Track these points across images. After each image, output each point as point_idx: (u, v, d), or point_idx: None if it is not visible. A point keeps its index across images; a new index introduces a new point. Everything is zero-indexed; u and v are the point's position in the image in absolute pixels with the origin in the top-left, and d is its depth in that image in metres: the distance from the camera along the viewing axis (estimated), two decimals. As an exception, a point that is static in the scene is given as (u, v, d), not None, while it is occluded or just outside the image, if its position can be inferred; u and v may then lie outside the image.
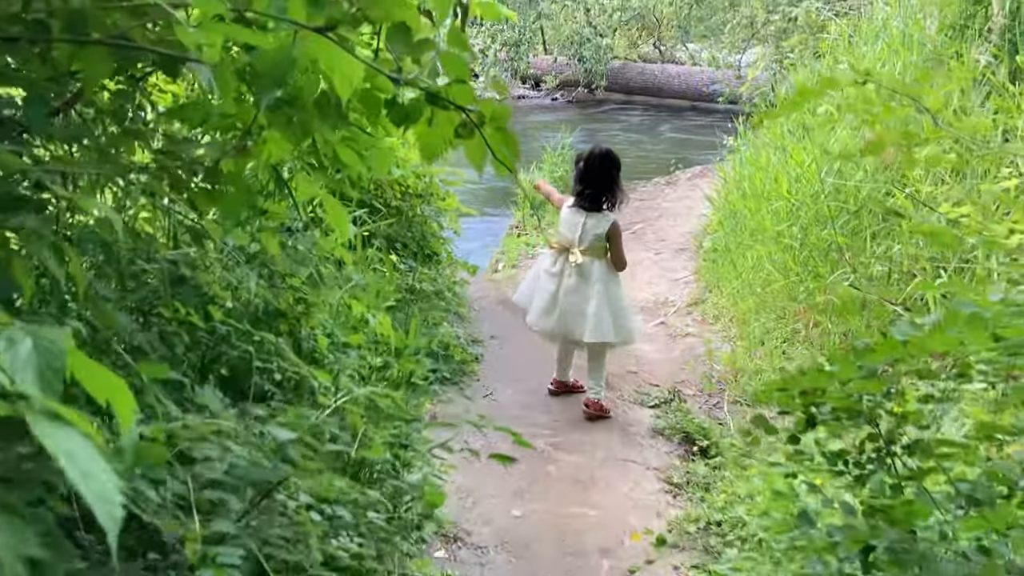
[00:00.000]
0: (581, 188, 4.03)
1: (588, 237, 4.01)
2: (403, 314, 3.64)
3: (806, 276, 5.11)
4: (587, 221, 4.01)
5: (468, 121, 1.28)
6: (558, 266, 4.07)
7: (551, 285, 4.08)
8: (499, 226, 10.15)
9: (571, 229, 4.04)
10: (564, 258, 4.05)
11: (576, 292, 4.02)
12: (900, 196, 4.45)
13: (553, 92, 21.61)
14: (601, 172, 3.98)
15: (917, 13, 6.08)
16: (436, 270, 4.51)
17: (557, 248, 4.12)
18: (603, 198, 4.03)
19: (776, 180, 5.50)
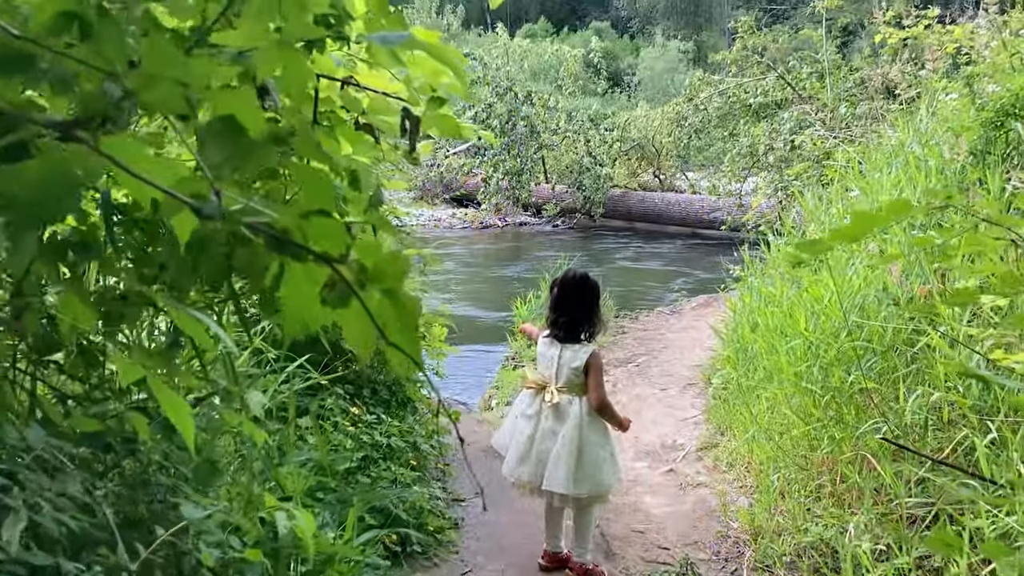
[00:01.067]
0: (555, 316, 3.59)
1: (564, 372, 3.54)
2: (365, 476, 3.10)
3: (829, 423, 4.57)
4: (563, 353, 3.54)
5: (338, 280, 0.83)
6: (534, 407, 3.58)
7: (528, 428, 3.57)
8: (496, 358, 9.67)
9: (546, 364, 3.59)
10: (541, 398, 3.57)
11: (552, 436, 3.51)
12: (935, 336, 3.98)
13: (554, 219, 21.70)
14: (577, 299, 3.56)
15: (930, 139, 5.79)
16: (413, 417, 3.98)
17: (533, 386, 3.63)
18: (580, 327, 3.59)
19: (791, 315, 5.04)
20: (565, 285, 3.58)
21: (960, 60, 7.30)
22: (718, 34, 51.93)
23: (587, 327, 3.58)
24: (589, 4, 64.50)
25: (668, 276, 14.99)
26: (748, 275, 7.32)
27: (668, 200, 20.81)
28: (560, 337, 3.57)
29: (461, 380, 8.93)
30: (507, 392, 7.61)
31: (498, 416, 6.87)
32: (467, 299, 13.14)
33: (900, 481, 3.95)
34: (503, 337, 10.13)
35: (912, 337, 4.42)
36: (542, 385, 3.57)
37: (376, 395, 3.65)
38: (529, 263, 16.08)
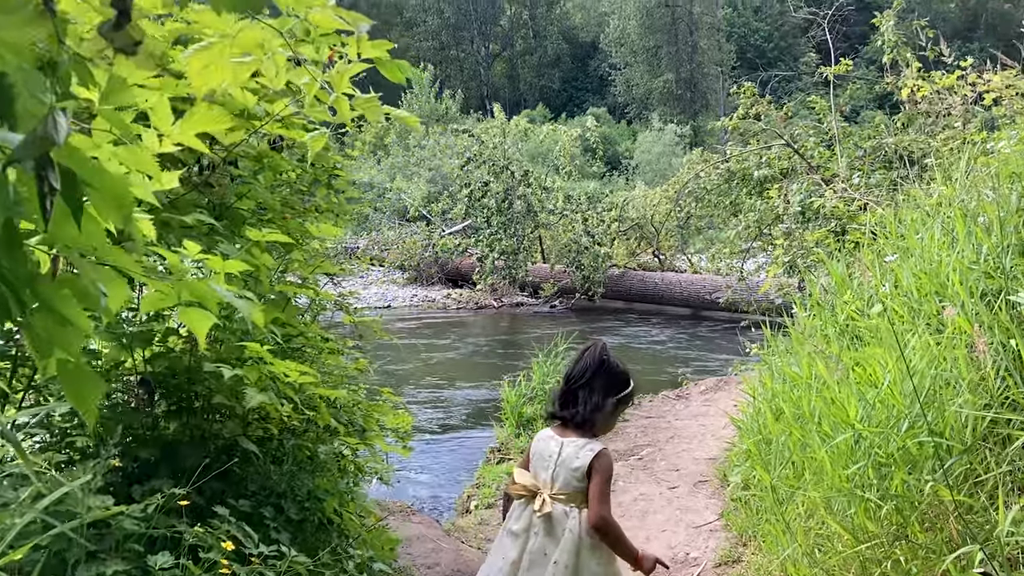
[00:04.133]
0: (560, 394, 2.79)
1: (563, 473, 2.65)
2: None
3: (891, 544, 3.55)
4: (564, 449, 2.67)
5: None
6: (523, 521, 2.70)
7: (513, 551, 2.68)
8: (481, 447, 8.62)
9: (543, 464, 2.70)
10: (530, 510, 2.68)
11: (543, 560, 2.60)
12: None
13: (551, 299, 20.94)
14: (595, 378, 2.74)
15: (982, 195, 4.91)
16: (339, 542, 2.96)
17: (524, 493, 2.72)
18: (589, 416, 2.71)
19: (833, 402, 4.07)
20: (580, 360, 2.81)
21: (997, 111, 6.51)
22: (714, 118, 52.19)
23: (594, 417, 2.72)
24: (586, 92, 65.28)
25: (671, 358, 14.00)
26: (768, 354, 6.36)
27: (668, 280, 20.05)
28: (564, 421, 2.74)
29: (437, 474, 7.86)
30: (489, 492, 6.54)
31: (475, 522, 5.80)
32: (455, 382, 12.14)
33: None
34: (490, 423, 9.09)
35: (1004, 431, 3.44)
36: (533, 491, 2.69)
37: (281, 515, 2.67)
38: (524, 345, 15.12)
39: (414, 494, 6.51)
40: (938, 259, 4.64)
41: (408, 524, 4.63)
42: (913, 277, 4.73)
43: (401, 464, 7.37)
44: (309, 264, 3.21)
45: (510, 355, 14.26)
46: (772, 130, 12.44)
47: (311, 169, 3.43)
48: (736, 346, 13.90)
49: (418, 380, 12.24)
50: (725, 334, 15.92)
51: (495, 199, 20.75)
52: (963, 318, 3.79)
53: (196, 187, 3.14)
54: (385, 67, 2.79)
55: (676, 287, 19.64)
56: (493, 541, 5.40)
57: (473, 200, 21.15)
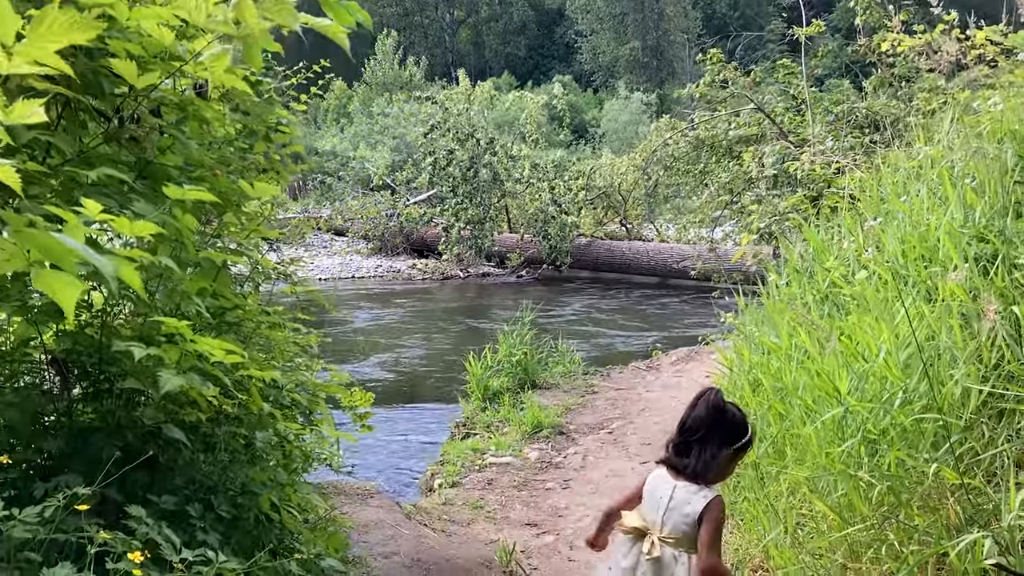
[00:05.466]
0: (679, 441, 2.70)
1: (674, 517, 2.60)
2: None
3: (882, 526, 3.30)
4: (676, 493, 2.62)
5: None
6: (631, 559, 2.66)
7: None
8: (445, 422, 8.32)
9: (654, 505, 2.66)
10: (640, 548, 2.65)
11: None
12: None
13: (518, 269, 20.65)
14: (714, 427, 2.65)
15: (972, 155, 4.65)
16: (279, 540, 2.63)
17: (631, 532, 2.69)
18: (705, 464, 2.63)
19: (819, 375, 3.80)
20: (694, 407, 2.73)
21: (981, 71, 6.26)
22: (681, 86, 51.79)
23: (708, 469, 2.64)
24: (552, 59, 64.58)
25: (640, 328, 13.80)
26: (743, 324, 6.10)
27: (636, 249, 19.85)
28: (677, 469, 2.66)
29: (399, 451, 7.56)
30: (454, 470, 6.25)
31: (439, 502, 5.51)
32: (420, 355, 11.82)
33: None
34: (455, 397, 8.79)
35: (1001, 405, 3.20)
36: (642, 532, 2.67)
37: (211, 512, 2.33)
38: (490, 316, 14.83)
39: (374, 473, 6.20)
40: (926, 222, 4.39)
41: (365, 508, 4.33)
42: (899, 241, 4.47)
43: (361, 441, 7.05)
44: (245, 228, 2.86)
45: (476, 326, 13.96)
46: (741, 94, 12.16)
47: (246, 119, 3.06)
48: (706, 316, 13.71)
49: (382, 353, 11.90)
50: (694, 303, 15.75)
51: (460, 168, 20.34)
52: (957, 285, 3.53)
53: (114, 139, 2.77)
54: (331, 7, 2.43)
55: (643, 256, 19.45)
56: (460, 524, 5.12)
57: (438, 169, 20.72)
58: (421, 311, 15.96)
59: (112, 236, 2.75)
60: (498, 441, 6.87)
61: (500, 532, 5.00)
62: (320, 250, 23.30)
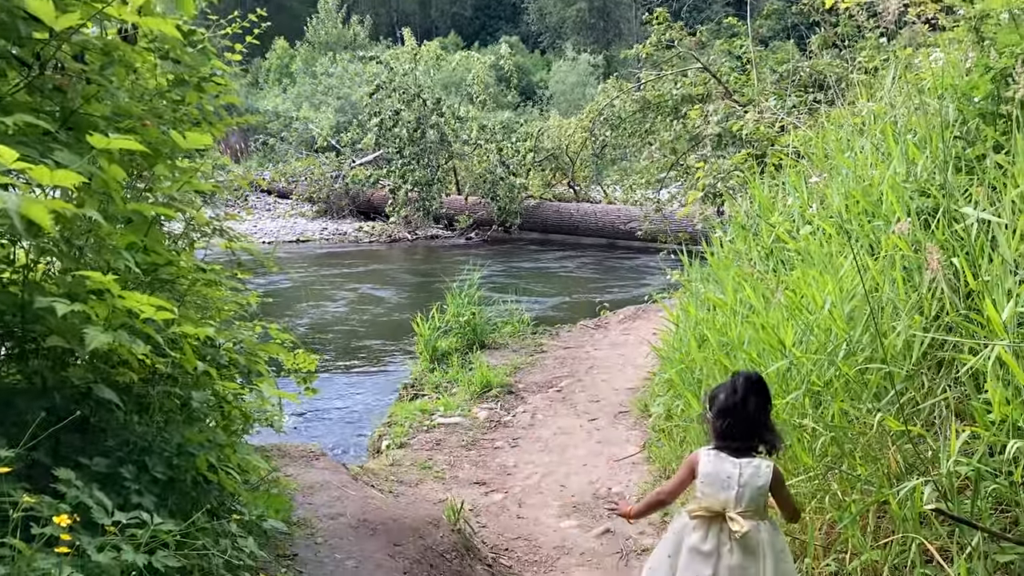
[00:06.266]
0: (727, 425, 2.85)
1: (747, 493, 2.79)
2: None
3: (825, 477, 3.36)
4: (743, 471, 2.81)
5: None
6: (711, 541, 2.80)
7: (706, 569, 2.79)
8: (392, 383, 8.27)
9: (722, 485, 2.82)
10: (719, 528, 2.80)
11: (741, 573, 2.77)
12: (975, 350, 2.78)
13: (467, 232, 20.53)
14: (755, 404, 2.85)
15: (912, 113, 4.70)
16: (219, 502, 2.55)
17: (704, 515, 2.82)
18: (759, 439, 2.87)
19: (764, 328, 3.83)
20: (740, 387, 2.87)
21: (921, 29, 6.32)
22: (627, 47, 51.62)
23: (768, 438, 2.87)
24: (499, 19, 63.79)
25: (588, 288, 13.84)
26: (689, 281, 6.13)
27: (584, 211, 19.87)
28: (735, 450, 2.85)
29: (346, 412, 7.49)
30: (402, 431, 6.20)
31: (387, 463, 5.47)
32: (367, 316, 11.70)
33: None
34: (403, 359, 8.74)
35: (941, 355, 3.26)
36: (716, 513, 2.81)
37: (145, 474, 2.24)
38: (439, 278, 14.74)
39: (319, 435, 6.12)
40: (869, 177, 4.43)
41: (311, 470, 4.26)
42: (843, 197, 4.51)
43: (306, 404, 6.97)
44: (177, 180, 2.73)
45: (425, 288, 13.86)
46: (687, 54, 12.15)
47: (178, 69, 2.91)
48: (653, 276, 13.81)
49: (327, 316, 11.75)
50: (641, 264, 15.85)
51: (407, 128, 20.04)
52: (899, 238, 3.57)
53: (36, 88, 2.62)
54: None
55: (591, 218, 19.48)
56: (408, 485, 5.08)
57: (384, 130, 20.38)
58: (368, 274, 15.80)
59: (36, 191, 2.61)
60: (447, 402, 6.84)
61: (449, 491, 4.98)
62: (263, 213, 22.85)
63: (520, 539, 4.46)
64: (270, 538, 2.96)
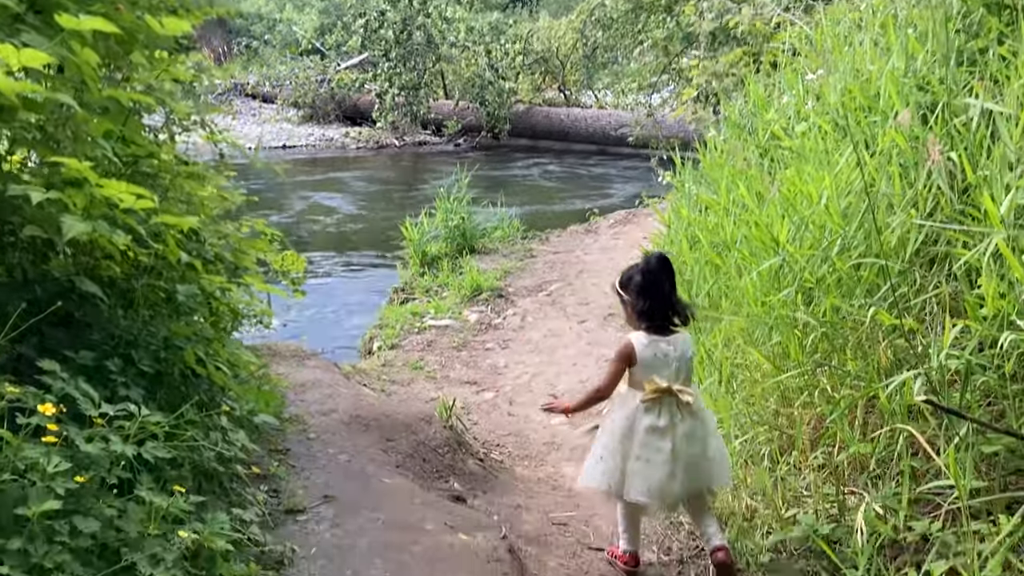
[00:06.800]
0: (650, 306, 3.03)
1: (684, 367, 3.07)
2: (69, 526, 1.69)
3: (814, 373, 3.37)
4: (677, 347, 3.06)
5: None
6: (664, 417, 3.01)
7: (666, 443, 3.00)
8: (382, 286, 8.25)
9: (663, 363, 3.02)
10: (668, 404, 3.01)
11: (693, 438, 3.04)
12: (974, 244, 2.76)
13: (455, 138, 20.19)
14: (669, 282, 3.08)
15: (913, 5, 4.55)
16: (208, 396, 2.53)
17: (654, 396, 3.00)
18: (672, 315, 3.08)
19: (757, 226, 3.78)
20: (654, 267, 3.06)
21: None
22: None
23: (683, 312, 3.09)
24: (488, -85, 61.46)
25: (579, 193, 13.74)
26: (681, 183, 6.06)
27: (574, 116, 19.52)
28: (659, 329, 3.04)
29: (338, 315, 7.49)
30: (393, 333, 6.22)
31: (378, 364, 5.49)
32: (356, 222, 11.61)
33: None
34: (392, 264, 8.70)
35: (935, 251, 3.23)
36: (664, 390, 3.00)
37: (132, 367, 2.21)
38: (427, 184, 14.58)
39: (310, 336, 6.12)
40: (868, 71, 4.31)
41: (302, 369, 4.26)
42: (840, 93, 4.41)
43: (296, 306, 6.95)
44: (155, 68, 2.62)
45: (413, 194, 13.72)
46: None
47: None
48: (644, 181, 13.69)
49: (316, 221, 11.65)
50: (632, 169, 15.70)
51: (393, 29, 19.45)
52: (897, 133, 3.50)
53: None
54: None
55: (582, 123, 19.16)
56: (400, 384, 5.12)
57: (369, 31, 19.78)
58: (356, 179, 15.62)
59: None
60: (437, 305, 6.84)
61: (440, 390, 5.02)
62: (248, 118, 22.38)
63: (511, 435, 4.52)
64: (262, 433, 2.97)
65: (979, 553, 2.48)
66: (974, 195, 3.24)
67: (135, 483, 2.02)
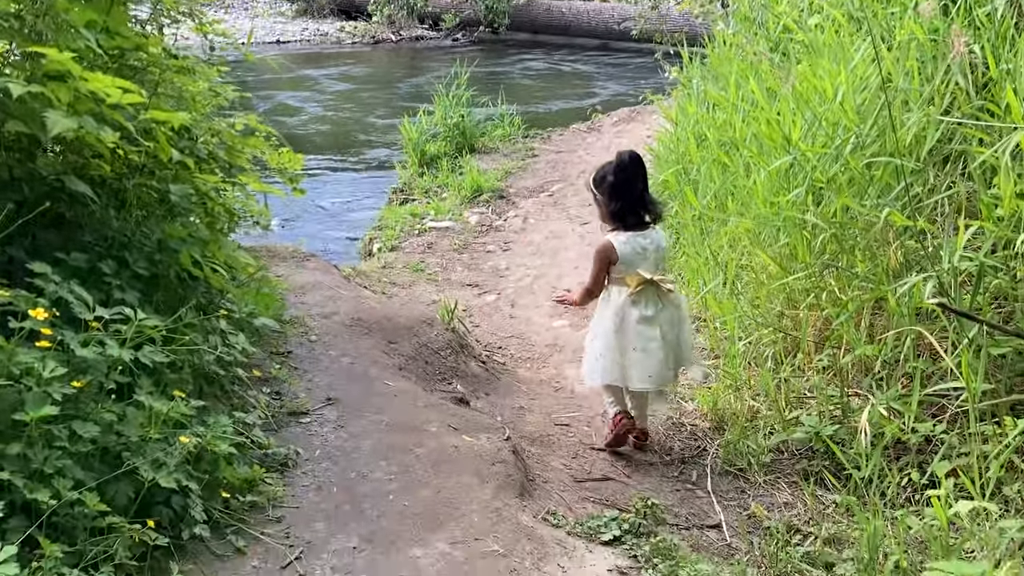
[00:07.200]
0: (623, 205, 3.19)
1: (661, 258, 3.29)
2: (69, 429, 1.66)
3: (821, 274, 3.32)
4: (654, 241, 3.24)
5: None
6: (651, 306, 3.20)
7: (655, 332, 3.19)
8: (381, 187, 8.14)
9: (641, 257, 3.20)
10: (651, 294, 3.20)
11: (674, 323, 3.29)
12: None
13: (453, 32, 19.60)
14: (643, 179, 3.24)
15: None
16: (208, 299, 2.48)
17: (639, 288, 3.18)
18: (650, 210, 3.25)
19: (769, 123, 3.66)
20: (626, 167, 3.19)
21: None
22: None
23: (654, 209, 3.26)
24: None
25: (580, 91, 13.43)
26: (687, 78, 5.88)
27: (576, 9, 18.89)
28: (634, 225, 3.21)
29: (336, 217, 7.40)
30: (393, 234, 6.14)
31: (379, 266, 5.44)
32: (353, 121, 11.37)
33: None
34: (391, 164, 8.55)
35: (948, 149, 3.14)
36: (645, 281, 3.17)
37: (126, 269, 2.14)
38: (425, 81, 14.23)
39: (309, 238, 6.03)
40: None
41: (302, 271, 4.20)
42: (858, -18, 4.21)
43: (294, 206, 6.87)
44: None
45: (411, 91, 13.40)
46: None
47: None
48: (647, 78, 13.35)
49: (311, 119, 11.41)
50: (636, 65, 15.30)
51: (387, -85, 18.67)
52: (916, 24, 3.34)
53: None
54: None
55: (584, 17, 18.56)
56: (401, 286, 5.08)
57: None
58: (351, 76, 15.24)
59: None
60: (437, 206, 6.74)
61: (441, 293, 4.98)
62: (240, 12, 21.68)
63: (513, 337, 4.51)
64: (263, 336, 2.94)
65: (984, 455, 2.48)
66: (995, 91, 3.13)
67: (135, 387, 1.99)
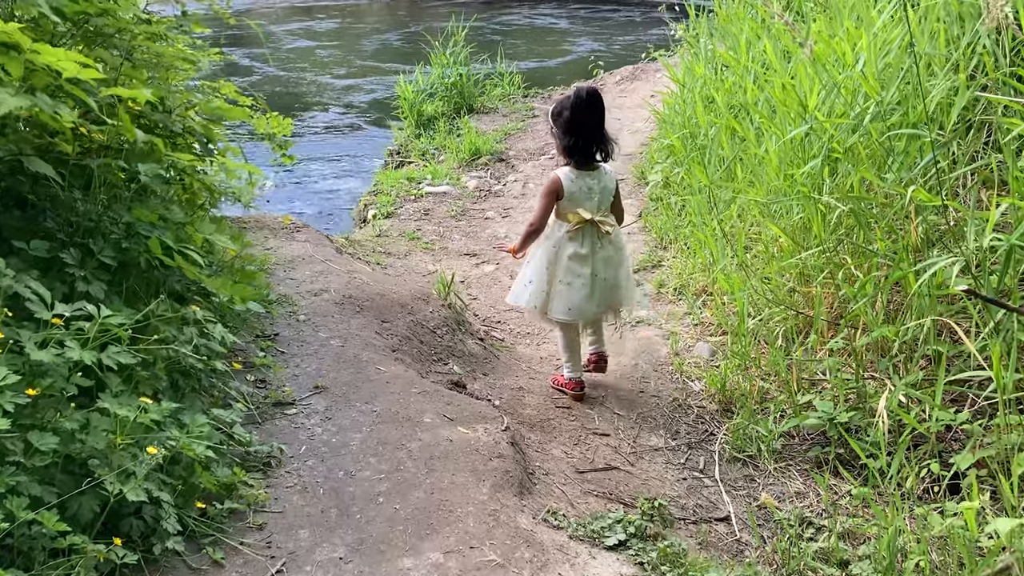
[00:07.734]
0: (575, 141, 3.21)
1: (607, 199, 3.33)
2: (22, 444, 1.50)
3: (836, 250, 3.15)
4: (601, 180, 3.30)
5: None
6: (587, 245, 3.29)
7: (586, 268, 3.30)
8: (376, 147, 7.93)
9: (586, 196, 3.27)
10: (592, 233, 3.28)
11: (611, 263, 3.36)
12: None
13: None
14: (598, 118, 3.23)
15: None
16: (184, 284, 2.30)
17: (577, 226, 3.26)
18: (601, 148, 3.28)
19: (784, 88, 3.46)
20: (583, 104, 3.21)
21: None
22: None
23: (606, 148, 3.29)
24: None
25: (581, 47, 13.09)
26: (695, 36, 5.64)
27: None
28: (584, 164, 3.26)
29: (329, 183, 7.20)
30: (388, 200, 5.95)
31: (373, 234, 5.26)
32: (348, 80, 11.09)
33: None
34: (386, 123, 8.32)
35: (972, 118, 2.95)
36: (584, 220, 3.25)
37: (91, 259, 1.97)
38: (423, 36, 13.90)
39: (301, 205, 5.86)
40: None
41: (292, 243, 4.03)
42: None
43: (284, 172, 6.67)
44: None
45: (408, 48, 13.08)
46: None
47: None
48: (651, 33, 13.02)
49: (303, 77, 11.13)
50: (639, 20, 14.95)
51: None
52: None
53: None
54: None
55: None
56: (396, 256, 4.90)
57: None
58: (345, 30, 14.89)
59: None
60: (434, 169, 6.54)
61: (438, 263, 4.82)
62: (233, -36, 21.17)
63: (512, 311, 4.35)
64: (246, 321, 2.78)
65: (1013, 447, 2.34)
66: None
67: (103, 389, 1.84)
